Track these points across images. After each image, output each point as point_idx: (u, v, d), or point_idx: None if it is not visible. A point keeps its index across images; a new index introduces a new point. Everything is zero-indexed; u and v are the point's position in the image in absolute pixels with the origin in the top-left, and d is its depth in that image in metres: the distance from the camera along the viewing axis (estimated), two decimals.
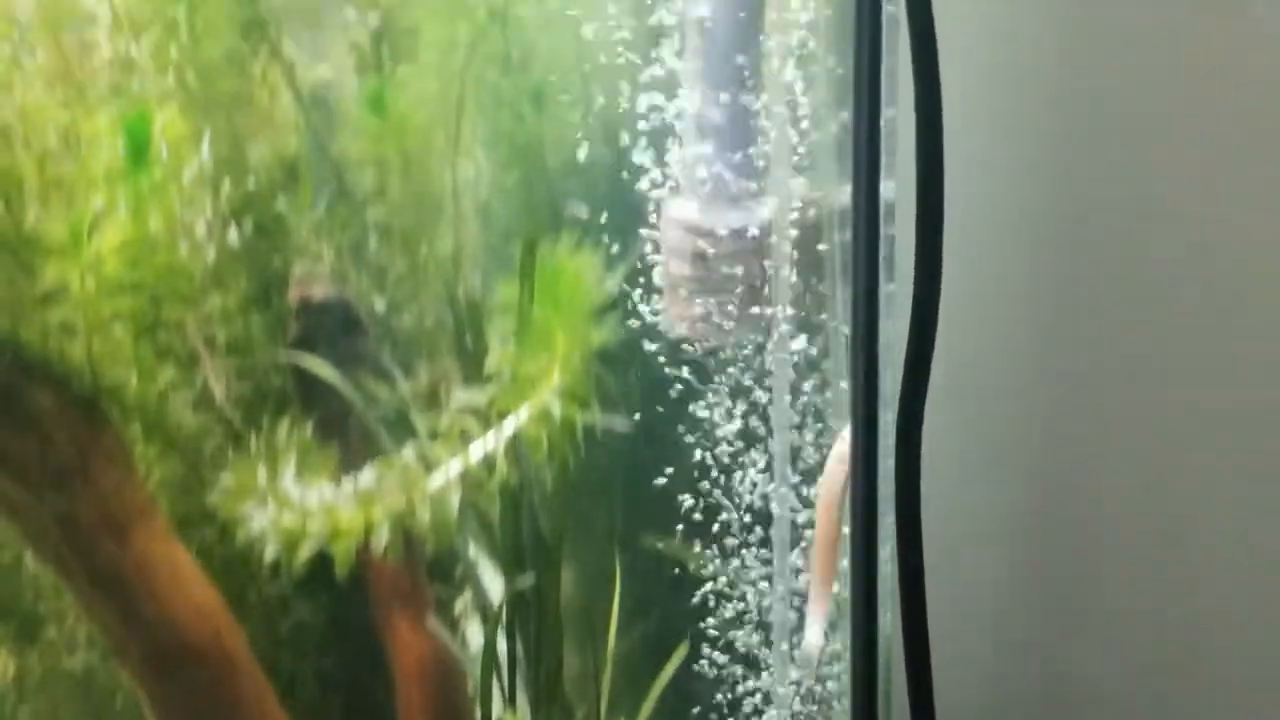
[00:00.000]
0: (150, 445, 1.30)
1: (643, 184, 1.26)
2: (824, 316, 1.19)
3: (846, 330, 0.98)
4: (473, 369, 1.31)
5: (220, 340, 1.33)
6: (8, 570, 1.38)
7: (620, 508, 1.57)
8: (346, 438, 1.34)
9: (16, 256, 1.18)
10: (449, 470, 1.23)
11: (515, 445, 1.24)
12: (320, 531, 1.20)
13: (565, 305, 1.24)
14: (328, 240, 1.35)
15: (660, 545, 1.49)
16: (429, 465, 1.25)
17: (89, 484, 1.22)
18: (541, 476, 1.30)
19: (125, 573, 1.24)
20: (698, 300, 1.19)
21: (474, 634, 1.64)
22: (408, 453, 1.27)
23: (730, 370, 1.27)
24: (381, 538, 1.22)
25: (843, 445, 1.06)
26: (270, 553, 1.20)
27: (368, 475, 1.25)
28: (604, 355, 1.27)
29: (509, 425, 1.24)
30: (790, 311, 1.20)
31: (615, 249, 1.32)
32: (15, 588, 1.39)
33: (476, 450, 1.24)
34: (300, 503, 1.21)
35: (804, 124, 1.20)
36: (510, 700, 1.38)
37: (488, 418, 1.26)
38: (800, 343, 1.21)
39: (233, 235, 1.30)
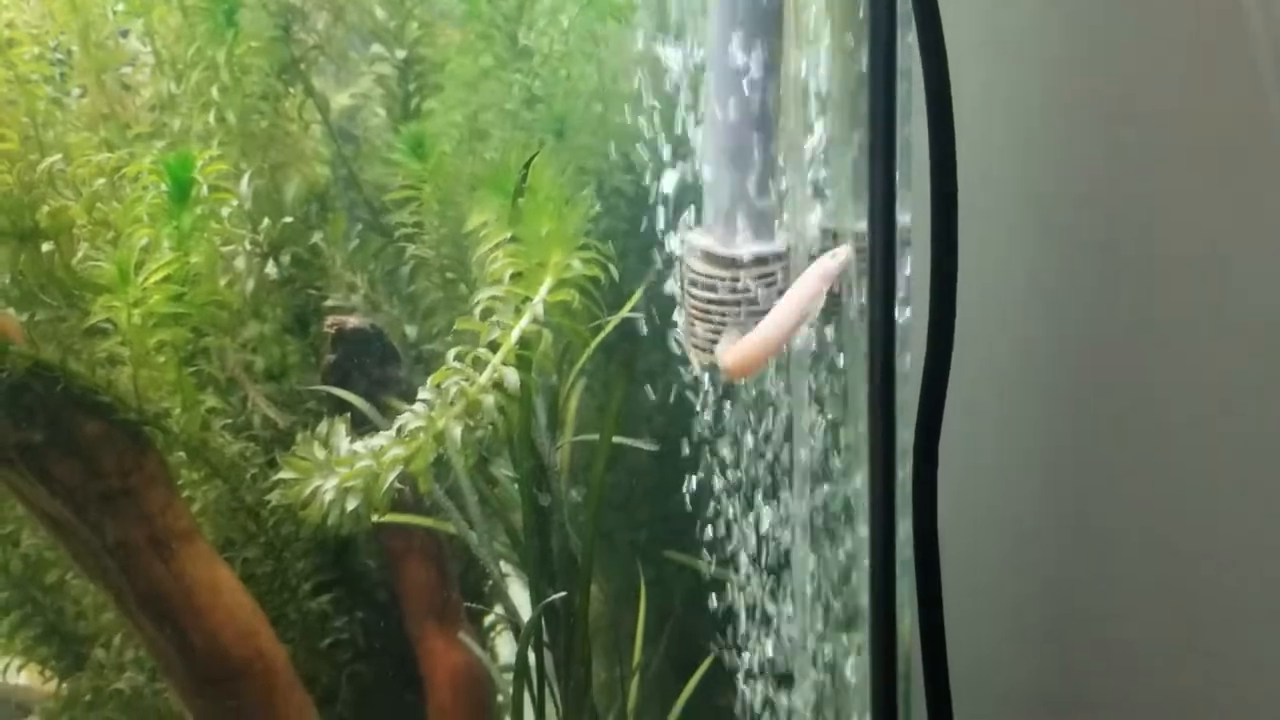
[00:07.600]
0: (193, 470, 1.35)
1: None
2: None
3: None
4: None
5: (259, 367, 1.38)
6: (57, 592, 1.43)
7: (645, 523, 1.61)
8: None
9: (66, 293, 1.22)
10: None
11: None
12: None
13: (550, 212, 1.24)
14: (361, 271, 1.39)
15: (683, 560, 1.53)
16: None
17: (134, 507, 1.26)
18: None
19: (170, 593, 1.29)
20: (715, 326, 1.22)
21: (505, 646, 1.70)
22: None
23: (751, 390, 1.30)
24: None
25: (831, 262, 1.08)
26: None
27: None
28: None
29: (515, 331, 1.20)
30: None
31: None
32: (64, 611, 1.44)
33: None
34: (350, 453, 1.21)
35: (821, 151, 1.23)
36: (539, 710, 1.42)
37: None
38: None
39: (270, 268, 1.34)
